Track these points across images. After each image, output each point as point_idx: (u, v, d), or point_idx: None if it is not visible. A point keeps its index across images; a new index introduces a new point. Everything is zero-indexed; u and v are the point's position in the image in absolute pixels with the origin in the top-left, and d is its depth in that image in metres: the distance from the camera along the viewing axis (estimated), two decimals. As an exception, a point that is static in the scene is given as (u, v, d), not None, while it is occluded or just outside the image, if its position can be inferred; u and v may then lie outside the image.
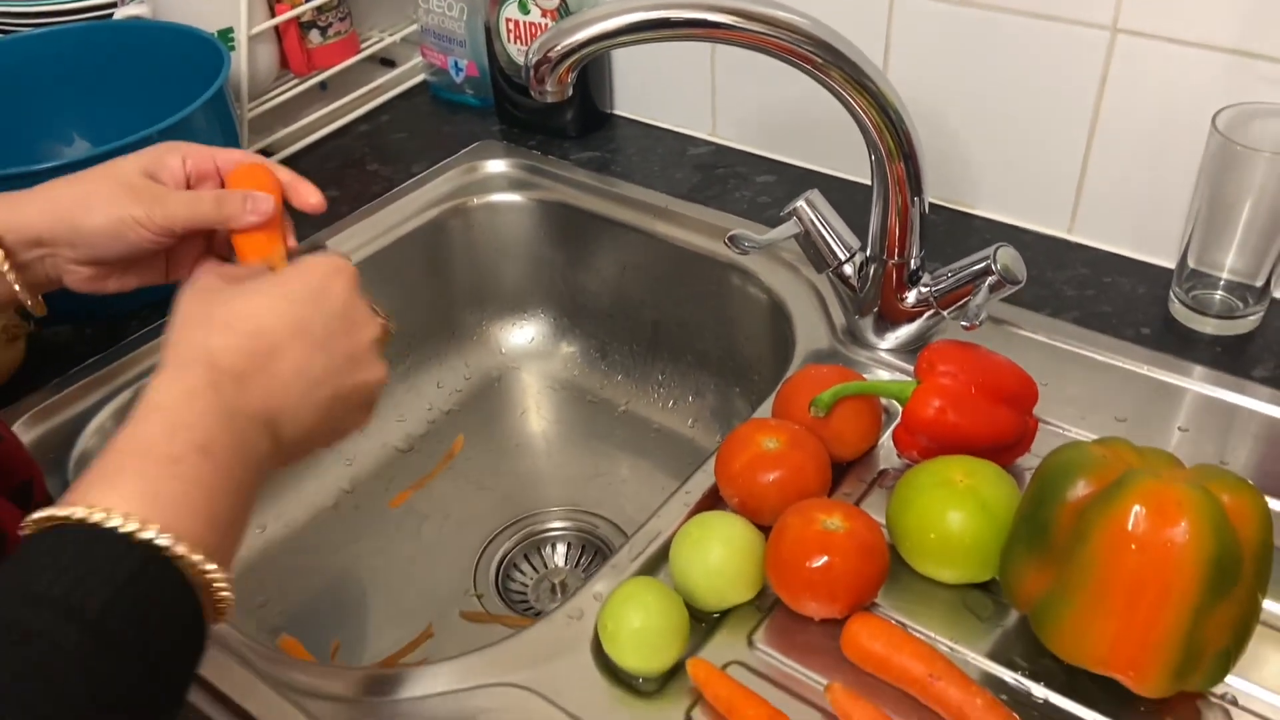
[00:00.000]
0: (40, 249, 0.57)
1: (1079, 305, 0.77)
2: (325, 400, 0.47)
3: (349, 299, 0.48)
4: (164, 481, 0.38)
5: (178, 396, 0.42)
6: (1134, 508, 0.47)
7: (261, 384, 0.44)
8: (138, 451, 0.40)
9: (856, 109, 0.65)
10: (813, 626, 0.57)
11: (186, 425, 0.41)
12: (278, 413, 0.45)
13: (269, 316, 0.46)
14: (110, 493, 0.37)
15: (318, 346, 0.46)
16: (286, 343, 0.45)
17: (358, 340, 0.48)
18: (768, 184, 0.93)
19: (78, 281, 0.59)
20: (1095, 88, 0.77)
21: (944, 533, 0.56)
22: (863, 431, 0.66)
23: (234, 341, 0.45)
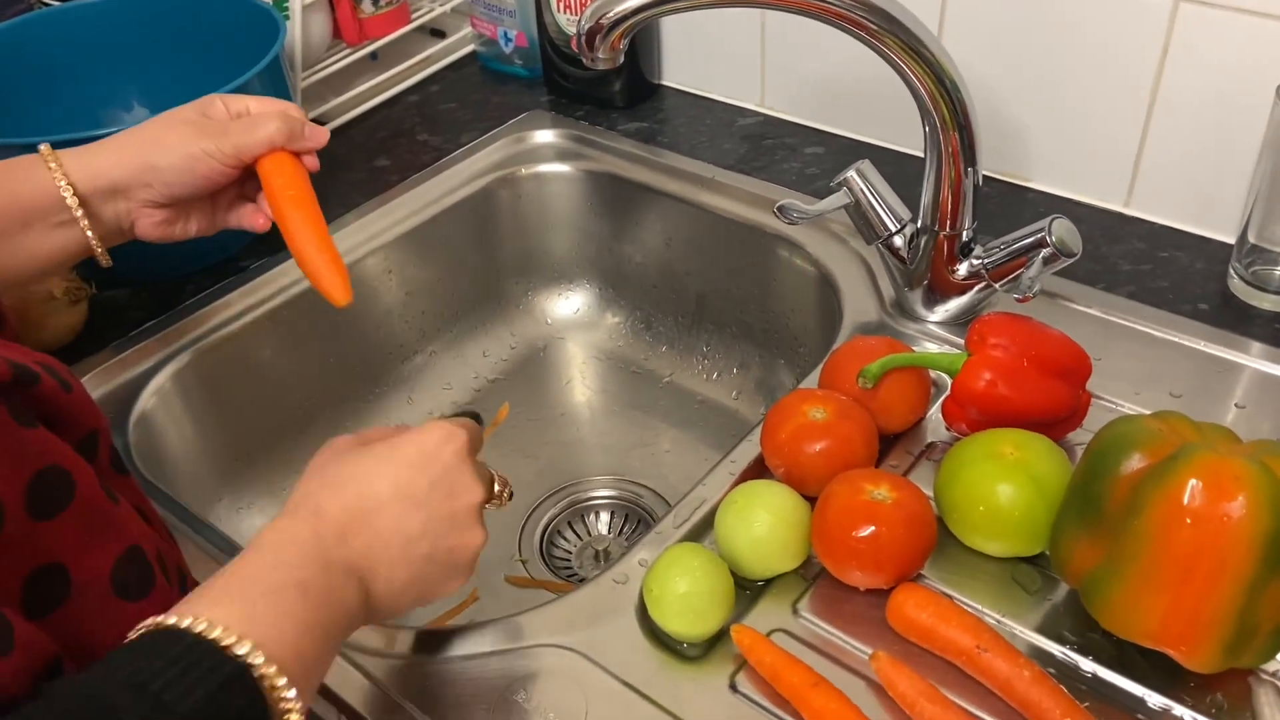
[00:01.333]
0: (115, 196, 0.61)
1: (1135, 280, 0.76)
2: (420, 559, 0.48)
3: (455, 465, 0.50)
4: (263, 608, 0.41)
5: (283, 538, 0.45)
6: (1190, 481, 0.47)
7: (360, 539, 0.46)
8: (243, 578, 0.42)
9: (911, 78, 0.64)
10: (858, 596, 0.57)
11: (288, 563, 0.43)
12: (372, 567, 0.47)
13: (377, 478, 0.48)
14: (215, 609, 0.40)
15: (417, 507, 0.48)
16: (388, 503, 0.48)
17: (459, 504, 0.50)
18: (816, 155, 0.92)
19: (150, 226, 0.63)
20: (1156, 58, 0.76)
21: (993, 505, 0.55)
22: (911, 403, 0.65)
23: (340, 497, 0.47)
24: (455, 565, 0.50)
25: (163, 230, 0.64)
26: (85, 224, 0.60)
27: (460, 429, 0.51)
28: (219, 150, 0.61)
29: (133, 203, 0.62)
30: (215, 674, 0.37)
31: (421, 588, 0.49)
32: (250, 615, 0.40)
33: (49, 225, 0.60)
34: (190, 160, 0.61)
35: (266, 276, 0.84)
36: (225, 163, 0.61)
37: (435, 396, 0.94)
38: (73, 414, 0.44)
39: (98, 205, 0.61)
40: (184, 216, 0.64)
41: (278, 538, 0.45)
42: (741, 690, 0.53)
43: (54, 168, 0.60)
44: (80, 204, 0.60)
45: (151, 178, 0.61)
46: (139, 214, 0.62)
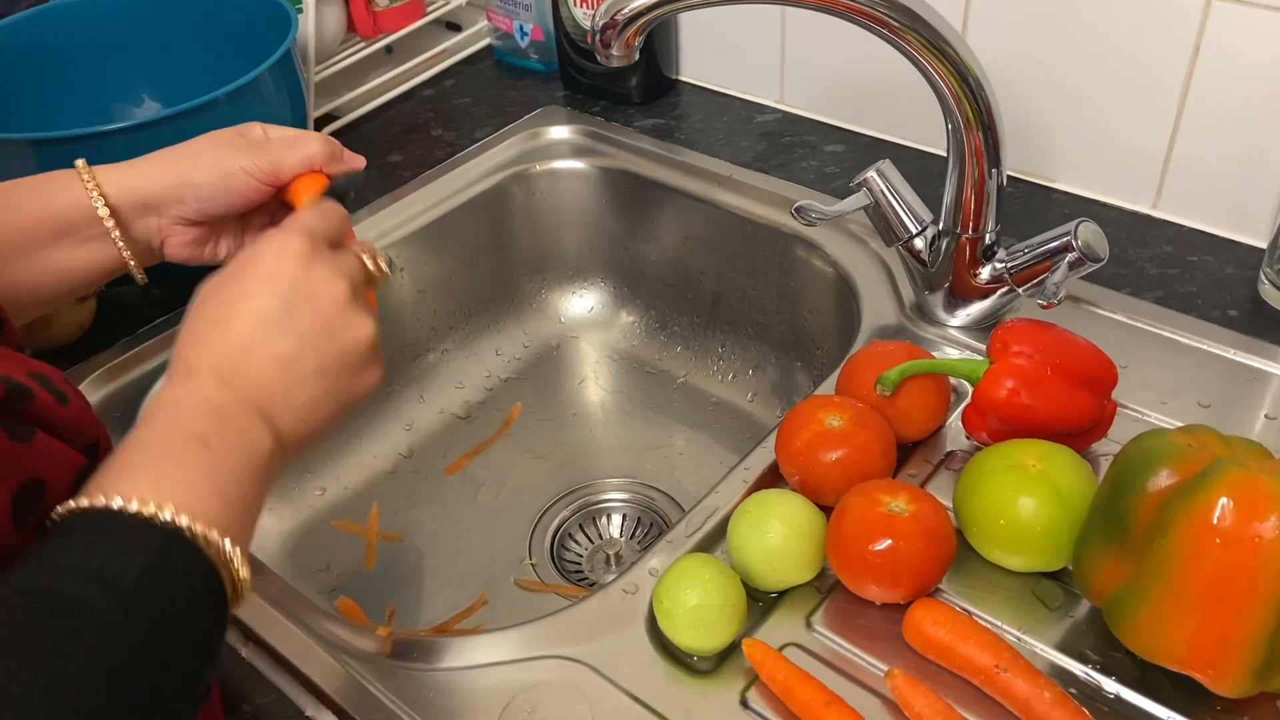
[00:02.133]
0: (148, 212, 0.60)
1: (1162, 285, 0.74)
2: (311, 374, 0.48)
3: (303, 273, 0.49)
4: (169, 469, 0.41)
5: (166, 404, 0.45)
6: (1220, 500, 0.45)
7: (242, 379, 0.46)
8: (139, 448, 0.42)
9: (934, 76, 0.63)
10: (873, 610, 0.55)
11: (179, 423, 0.43)
12: (267, 401, 0.46)
13: (233, 317, 0.47)
14: (122, 483, 0.39)
15: (282, 328, 0.47)
16: (253, 335, 0.47)
17: (325, 307, 0.49)
18: (836, 153, 0.91)
19: (180, 245, 0.62)
20: (1187, 56, 0.73)
21: (1014, 519, 0.54)
22: (930, 411, 0.64)
23: (206, 349, 0.47)
24: (355, 364, 0.49)
25: (192, 251, 0.63)
26: (118, 236, 0.59)
27: (292, 233, 0.50)
28: (256, 166, 0.60)
29: (165, 219, 0.61)
30: (147, 542, 0.38)
31: (332, 400, 0.48)
32: (159, 480, 0.40)
33: (80, 239, 0.59)
34: (226, 177, 0.60)
35: (277, 273, 0.83)
36: (262, 179, 0.60)
37: (447, 395, 0.93)
38: (70, 427, 0.43)
39: (130, 219, 0.60)
40: (215, 238, 0.64)
41: (161, 406, 0.45)
42: (753, 706, 0.52)
43: (87, 179, 0.59)
44: (112, 216, 0.59)
45: (187, 193, 0.60)
46: (170, 231, 0.62)
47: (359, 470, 0.87)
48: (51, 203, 0.59)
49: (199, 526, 0.39)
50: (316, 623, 0.57)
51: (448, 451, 0.90)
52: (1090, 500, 0.53)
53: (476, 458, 0.89)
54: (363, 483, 0.87)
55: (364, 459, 0.88)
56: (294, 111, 0.82)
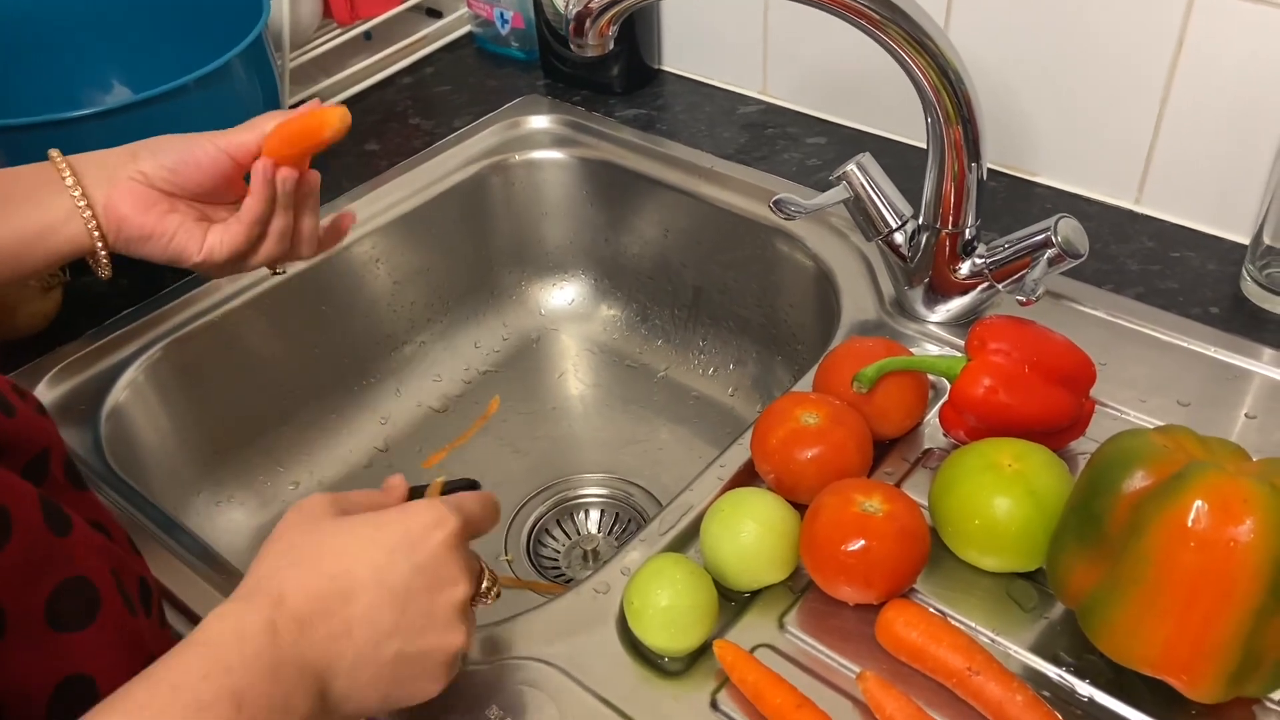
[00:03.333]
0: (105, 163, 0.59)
1: (1143, 281, 0.73)
2: (389, 658, 0.43)
3: (444, 554, 0.45)
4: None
5: (229, 634, 0.39)
6: (1195, 503, 0.44)
7: (324, 629, 0.41)
8: (169, 686, 0.37)
9: (914, 69, 0.62)
10: (847, 611, 0.54)
11: (226, 668, 0.38)
12: (333, 664, 0.41)
13: (354, 559, 0.43)
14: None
15: (394, 598, 0.43)
16: (362, 589, 0.42)
17: (440, 599, 0.44)
18: (818, 146, 0.90)
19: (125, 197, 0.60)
20: (1170, 50, 0.73)
21: (989, 519, 0.53)
22: (907, 409, 0.63)
23: (308, 579, 0.42)
24: (430, 668, 0.44)
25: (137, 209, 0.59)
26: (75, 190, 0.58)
27: (454, 514, 0.46)
28: (221, 137, 0.60)
29: (119, 170, 0.59)
30: None
31: (389, 689, 0.43)
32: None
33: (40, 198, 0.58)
34: (189, 143, 0.60)
35: (250, 264, 0.81)
36: (225, 149, 0.60)
37: (424, 388, 0.92)
38: (19, 438, 0.41)
39: (86, 170, 0.59)
40: (166, 206, 0.60)
41: (223, 628, 0.39)
42: (723, 709, 0.51)
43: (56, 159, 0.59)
44: (71, 172, 0.58)
45: (143, 149, 0.60)
46: (120, 184, 0.59)
47: (333, 464, 0.86)
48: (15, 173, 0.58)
49: None
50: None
51: (424, 445, 0.89)
52: (1066, 501, 0.52)
53: (453, 452, 0.88)
54: (338, 477, 0.86)
55: (339, 453, 0.87)
56: (266, 98, 0.80)
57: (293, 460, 0.85)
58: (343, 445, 0.87)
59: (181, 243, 0.60)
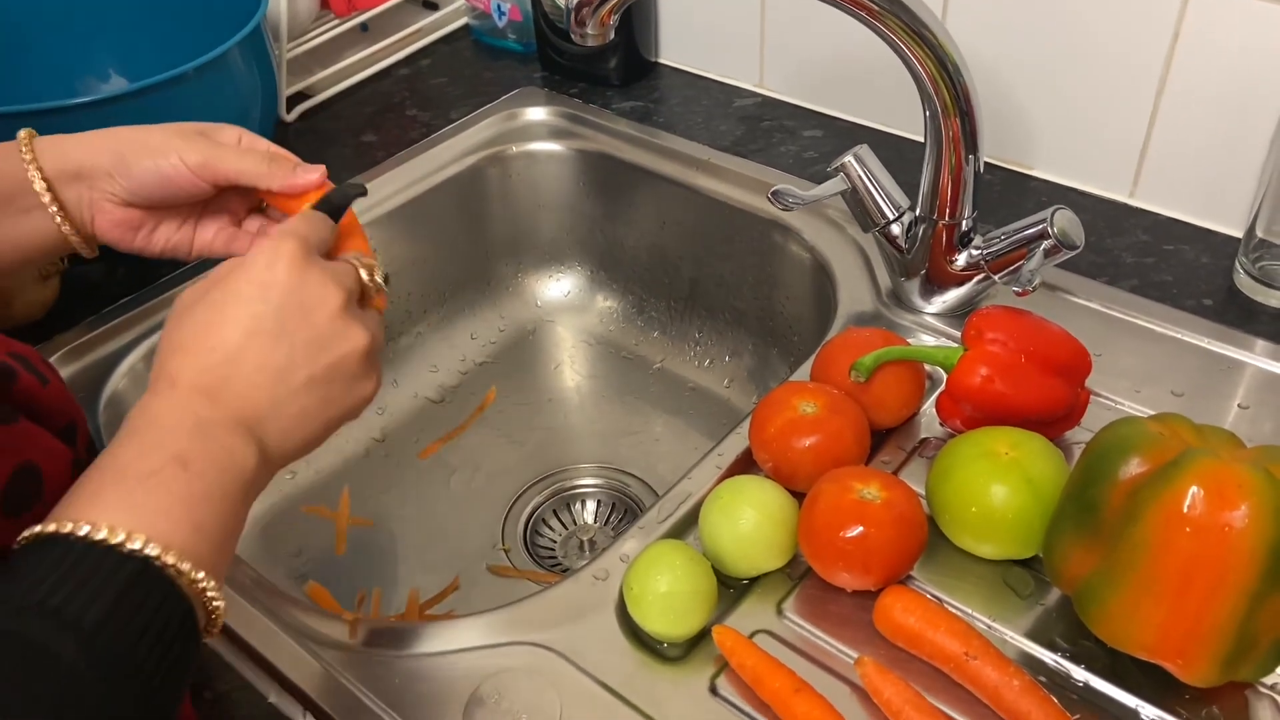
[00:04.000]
0: (79, 180, 0.57)
1: (1138, 273, 0.74)
2: (301, 387, 0.45)
3: (296, 281, 0.46)
4: (143, 495, 0.39)
5: (147, 418, 0.42)
6: (1191, 489, 0.45)
7: (229, 391, 0.44)
8: (114, 469, 0.40)
9: (912, 60, 0.62)
10: (845, 597, 0.55)
11: (159, 443, 0.41)
12: (255, 414, 0.44)
13: (221, 325, 0.45)
14: (92, 509, 0.38)
15: (275, 338, 0.45)
16: (241, 345, 0.45)
17: (317, 317, 0.46)
18: (815, 138, 0.90)
19: (109, 225, 0.59)
20: (1166, 43, 0.73)
21: (986, 506, 0.54)
22: (904, 398, 0.63)
23: (192, 359, 0.44)
24: (346, 377, 0.47)
25: (123, 234, 0.59)
26: (54, 209, 0.57)
27: (285, 239, 0.47)
28: (194, 161, 0.56)
29: (96, 193, 0.58)
30: (116, 576, 0.36)
31: (323, 412, 0.46)
32: (132, 506, 0.38)
33: (16, 210, 0.57)
34: (162, 162, 0.57)
35: (247, 254, 0.82)
36: (197, 173, 0.56)
37: (421, 378, 0.92)
38: (50, 408, 0.42)
39: (62, 190, 0.57)
40: (151, 225, 0.60)
41: (142, 420, 0.42)
42: (722, 694, 0.51)
43: (25, 150, 0.57)
44: (48, 189, 0.57)
45: (118, 170, 0.57)
46: (100, 207, 0.58)
47: (330, 454, 0.86)
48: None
49: (171, 557, 0.38)
50: (283, 609, 0.56)
51: (421, 436, 0.89)
52: (1062, 488, 0.53)
53: (450, 442, 0.89)
54: (334, 467, 0.86)
55: (335, 442, 0.85)
56: (264, 89, 0.81)
57: (289, 450, 0.85)
58: (339, 435, 0.85)
59: (172, 249, 0.60)
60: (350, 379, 0.47)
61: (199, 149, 0.57)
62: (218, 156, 0.56)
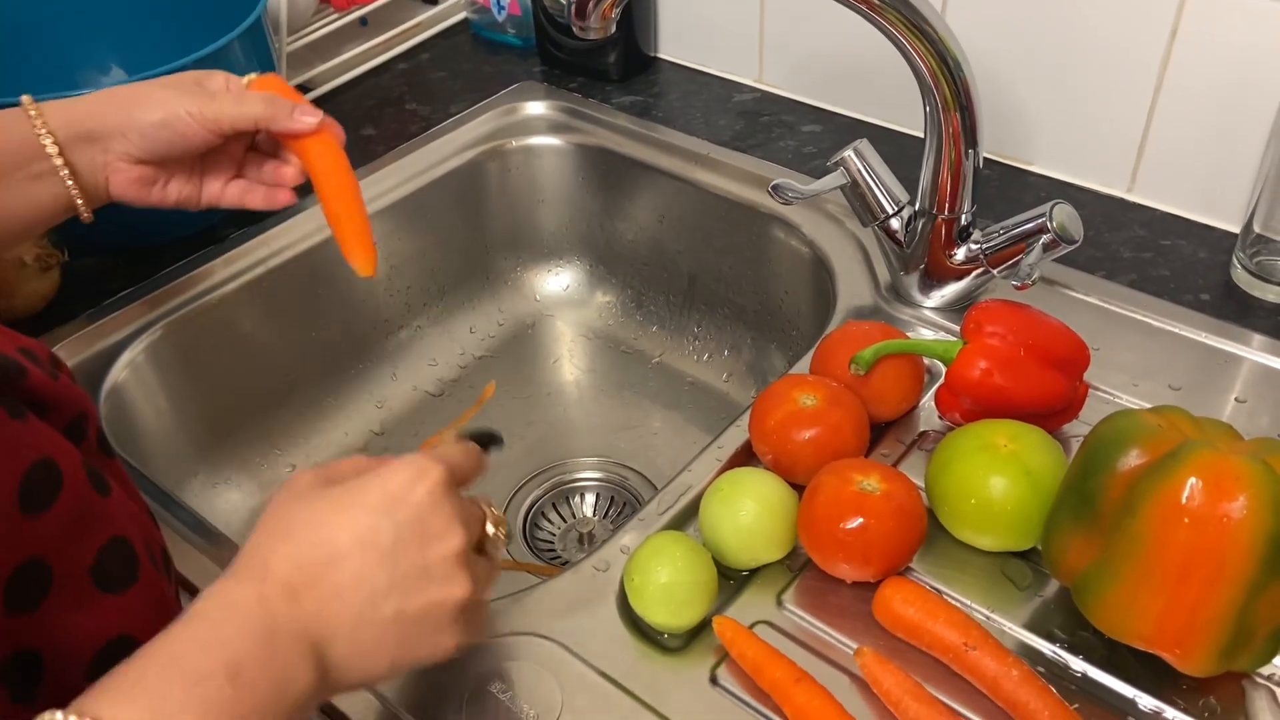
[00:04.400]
0: (92, 143, 0.59)
1: (1136, 268, 0.74)
2: (389, 618, 0.41)
3: (427, 506, 0.43)
4: (178, 703, 0.35)
5: (221, 606, 0.39)
6: (1189, 480, 0.45)
7: (313, 595, 0.40)
8: (163, 661, 0.37)
9: (913, 55, 0.62)
10: (844, 589, 0.55)
11: (221, 640, 0.38)
12: (329, 628, 0.40)
13: (335, 526, 0.42)
14: (118, 708, 0.35)
15: (383, 558, 0.42)
16: (348, 553, 0.41)
17: (432, 553, 0.43)
18: (814, 134, 0.90)
19: (125, 183, 0.61)
20: (1164, 39, 0.73)
21: (985, 498, 0.54)
22: (904, 391, 0.64)
23: (291, 550, 0.41)
24: (437, 623, 0.43)
25: (138, 190, 0.62)
26: (65, 173, 0.58)
27: (435, 464, 0.44)
28: (200, 113, 0.60)
29: (109, 154, 0.60)
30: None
31: (396, 651, 0.42)
32: (160, 713, 0.34)
33: (27, 176, 0.58)
34: (170, 118, 0.59)
35: (247, 246, 0.82)
36: (204, 125, 0.60)
37: (420, 372, 0.93)
38: (60, 400, 0.42)
39: (74, 154, 0.59)
40: (164, 179, 0.63)
41: (214, 605, 0.39)
42: (722, 684, 0.52)
43: (34, 115, 0.58)
44: (60, 152, 0.58)
45: (129, 128, 0.59)
46: (115, 167, 0.60)
47: (329, 447, 0.87)
48: None
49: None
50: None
51: (420, 429, 0.89)
52: (1060, 480, 0.53)
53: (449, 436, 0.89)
54: (333, 459, 0.86)
55: (334, 436, 0.87)
56: (265, 82, 0.80)
57: (289, 443, 0.85)
58: (338, 429, 0.88)
59: (184, 201, 0.64)
60: (437, 626, 0.43)
61: (202, 102, 0.60)
62: (219, 108, 0.60)
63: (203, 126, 0.60)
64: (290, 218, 0.84)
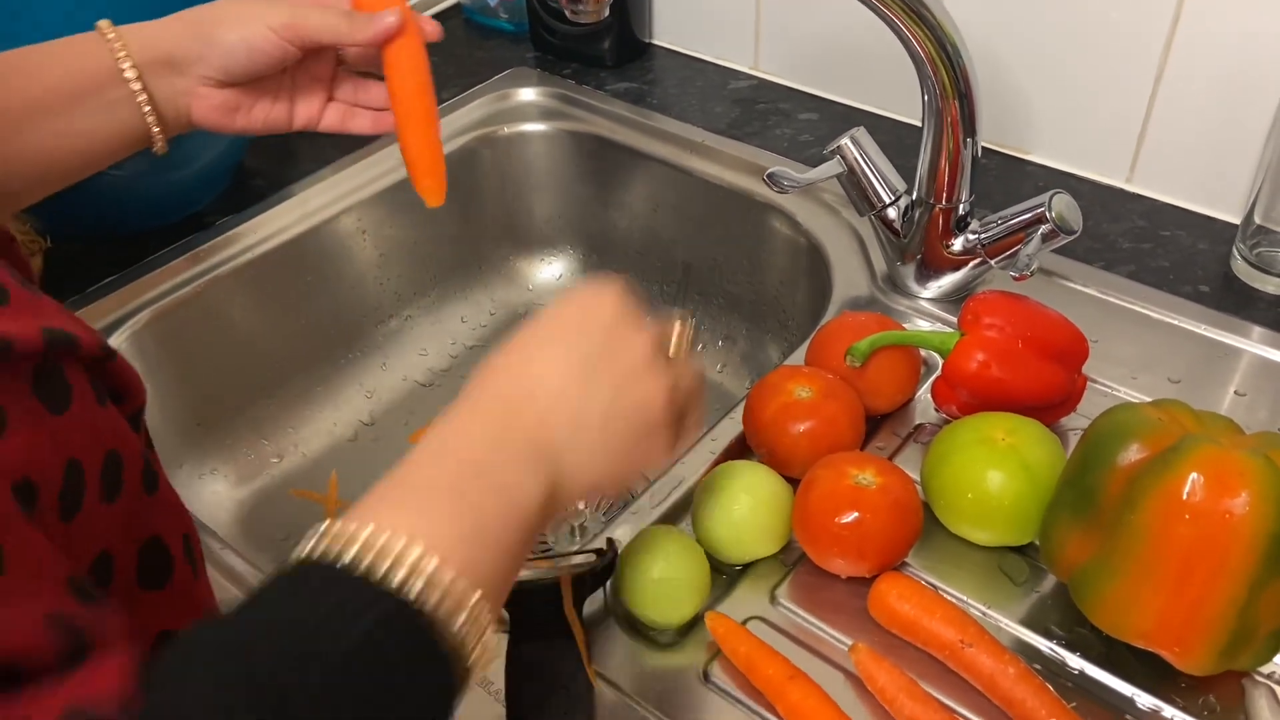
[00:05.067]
0: (172, 70, 0.56)
1: (1135, 259, 0.73)
2: (599, 420, 0.43)
3: (613, 317, 0.45)
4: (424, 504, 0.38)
5: (450, 426, 0.42)
6: (1191, 475, 0.44)
7: (533, 410, 0.42)
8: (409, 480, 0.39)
9: (911, 41, 0.61)
10: (839, 584, 0.54)
11: (454, 451, 0.41)
12: (551, 440, 0.42)
13: (536, 347, 0.45)
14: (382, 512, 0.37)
15: (587, 366, 0.44)
16: (555, 367, 0.43)
17: (626, 358, 0.44)
18: (810, 121, 0.89)
19: (206, 109, 0.58)
20: (1166, 28, 0.72)
21: (982, 493, 0.53)
22: (900, 383, 0.63)
23: (506, 377, 0.44)
24: (646, 423, 0.44)
25: (221, 117, 0.58)
26: (143, 99, 0.55)
27: (608, 285, 0.48)
28: (282, 25, 0.55)
29: (190, 78, 0.56)
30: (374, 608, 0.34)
31: (616, 455, 0.44)
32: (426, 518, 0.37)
33: (104, 104, 0.55)
34: (249, 34, 0.55)
35: (235, 233, 0.80)
36: (287, 38, 0.55)
37: (411, 362, 0.91)
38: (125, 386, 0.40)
39: (153, 80, 0.55)
40: (249, 103, 0.58)
41: (443, 426, 0.42)
42: (715, 680, 0.51)
43: (112, 39, 0.55)
44: (139, 78, 0.55)
45: (209, 51, 0.55)
46: (196, 93, 0.57)
47: (318, 437, 0.85)
48: (74, 65, 0.54)
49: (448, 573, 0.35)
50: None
51: (410, 419, 0.88)
52: (1058, 474, 0.52)
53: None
54: (322, 450, 0.85)
55: (323, 425, 0.86)
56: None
57: (276, 433, 0.84)
58: (327, 419, 0.86)
59: (272, 125, 0.60)
60: (649, 426, 0.45)
61: (280, 11, 0.55)
62: (301, 15, 0.55)
63: (280, 37, 0.55)
64: (277, 205, 0.83)
